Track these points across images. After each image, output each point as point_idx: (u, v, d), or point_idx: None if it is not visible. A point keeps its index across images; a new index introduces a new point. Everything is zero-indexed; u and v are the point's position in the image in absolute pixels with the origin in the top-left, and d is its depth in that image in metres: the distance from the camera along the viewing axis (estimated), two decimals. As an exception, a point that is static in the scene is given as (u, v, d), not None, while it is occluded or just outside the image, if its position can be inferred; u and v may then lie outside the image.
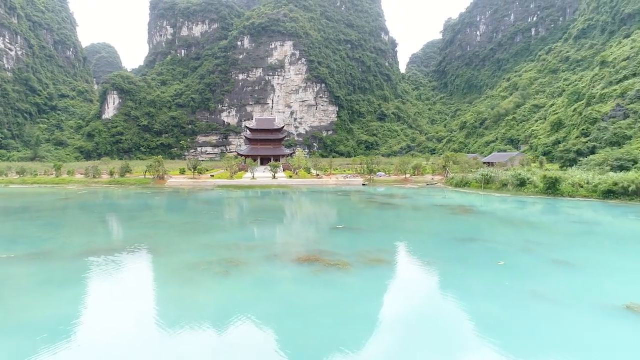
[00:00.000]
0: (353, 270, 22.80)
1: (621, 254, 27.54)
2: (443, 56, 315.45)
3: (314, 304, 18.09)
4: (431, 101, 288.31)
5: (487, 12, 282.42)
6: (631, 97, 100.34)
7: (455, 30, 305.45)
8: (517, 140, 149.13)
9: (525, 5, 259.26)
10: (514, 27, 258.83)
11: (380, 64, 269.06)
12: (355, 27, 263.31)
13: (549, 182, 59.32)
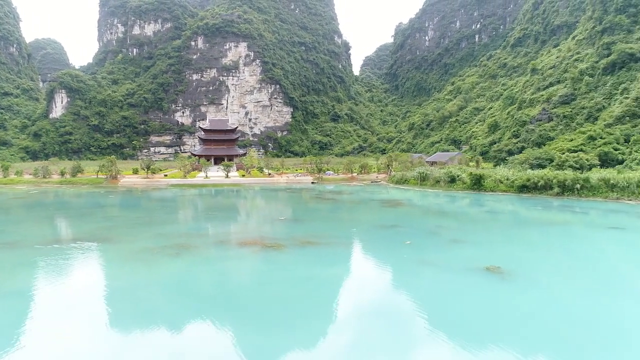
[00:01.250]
0: (286, 249, 27.40)
1: (507, 234, 33.77)
2: (394, 59, 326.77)
3: (250, 273, 22.57)
4: (383, 103, 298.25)
5: (435, 18, 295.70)
6: (555, 102, 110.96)
7: (405, 35, 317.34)
8: (460, 141, 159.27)
9: (469, 13, 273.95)
10: (460, 33, 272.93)
11: (334, 66, 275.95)
12: (309, 30, 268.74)
13: (475, 179, 66.42)
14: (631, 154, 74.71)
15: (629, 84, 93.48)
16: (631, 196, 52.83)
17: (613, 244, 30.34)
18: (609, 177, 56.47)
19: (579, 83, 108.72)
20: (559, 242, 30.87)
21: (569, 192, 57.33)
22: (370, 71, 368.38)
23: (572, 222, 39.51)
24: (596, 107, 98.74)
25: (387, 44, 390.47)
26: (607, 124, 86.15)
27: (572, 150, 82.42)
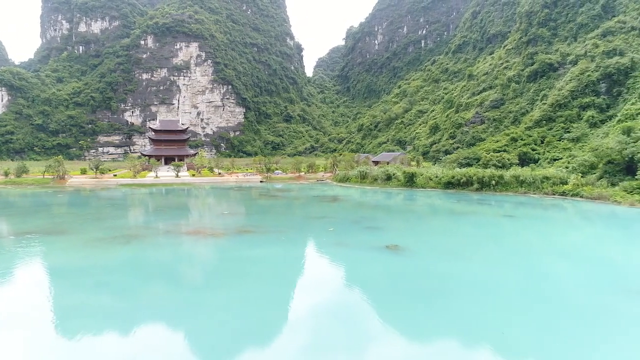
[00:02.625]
0: (225, 237, 31.75)
1: (416, 222, 39.68)
2: (346, 62, 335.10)
3: (190, 254, 26.79)
4: (335, 104, 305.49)
5: (384, 23, 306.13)
6: (487, 107, 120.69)
7: (356, 38, 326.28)
8: (405, 142, 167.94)
9: (416, 19, 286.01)
10: (407, 38, 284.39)
11: (286, 67, 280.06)
12: (261, 31, 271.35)
13: (408, 177, 73.01)
14: (544, 153, 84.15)
15: (548, 90, 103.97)
16: (536, 190, 60.86)
17: (495, 227, 36.84)
18: (519, 174, 64.47)
19: (507, 89, 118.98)
20: (455, 227, 37.04)
21: (487, 187, 64.88)
22: (323, 72, 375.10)
23: (476, 212, 46.19)
24: (521, 111, 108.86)
25: (339, 46, 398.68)
26: (527, 126, 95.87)
27: (496, 150, 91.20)
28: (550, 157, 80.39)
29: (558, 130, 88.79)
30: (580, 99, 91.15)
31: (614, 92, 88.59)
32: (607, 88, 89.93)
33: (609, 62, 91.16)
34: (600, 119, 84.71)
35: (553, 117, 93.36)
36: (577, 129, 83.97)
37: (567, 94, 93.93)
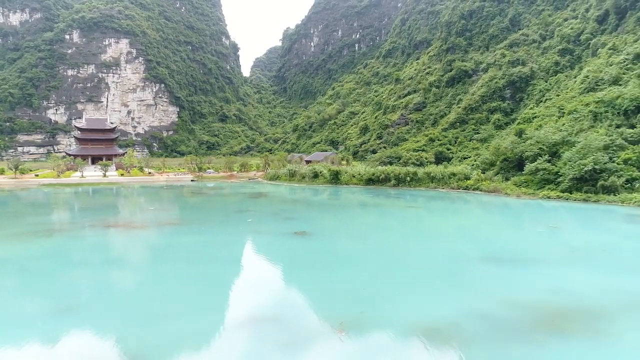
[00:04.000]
0: (148, 229, 33.96)
1: (329, 213, 43.86)
2: (283, 63, 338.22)
3: (112, 246, 28.91)
4: (272, 104, 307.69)
5: (320, 25, 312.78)
6: (411, 109, 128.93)
7: (292, 39, 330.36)
8: (337, 142, 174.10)
9: (350, 23, 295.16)
10: (341, 41, 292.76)
11: (222, 67, 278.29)
12: (195, 30, 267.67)
13: (333, 174, 77.61)
14: (457, 152, 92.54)
15: (463, 95, 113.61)
16: (444, 185, 67.60)
17: (396, 216, 41.87)
18: (430, 171, 71.10)
19: (429, 93, 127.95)
20: (362, 216, 41.66)
21: (403, 183, 70.88)
22: (261, 73, 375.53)
23: (386, 204, 51.35)
24: (440, 114, 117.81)
25: (276, 46, 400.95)
26: (444, 128, 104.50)
27: (416, 150, 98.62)
28: (461, 156, 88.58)
29: (469, 132, 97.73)
30: (489, 103, 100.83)
31: (517, 97, 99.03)
32: (511, 94, 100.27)
33: (513, 70, 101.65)
34: (505, 122, 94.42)
35: (466, 119, 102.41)
36: (485, 131, 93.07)
37: (478, 98, 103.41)
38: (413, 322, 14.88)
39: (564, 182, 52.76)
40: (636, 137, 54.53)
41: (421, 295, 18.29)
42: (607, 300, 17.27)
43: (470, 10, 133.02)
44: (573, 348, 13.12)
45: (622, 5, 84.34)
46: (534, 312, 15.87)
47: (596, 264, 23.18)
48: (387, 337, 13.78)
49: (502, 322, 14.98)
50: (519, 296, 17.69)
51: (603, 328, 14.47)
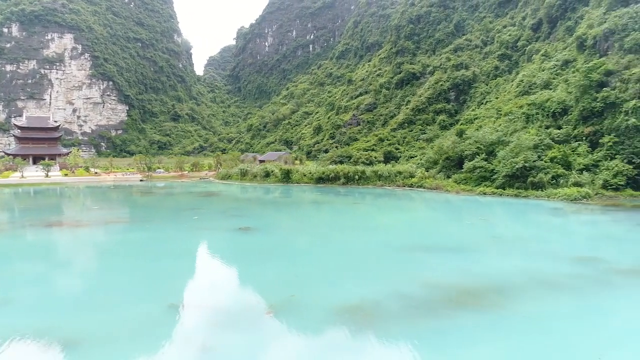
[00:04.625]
0: (90, 227, 33.74)
1: (275, 210, 44.97)
2: (237, 62, 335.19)
3: (53, 243, 28.69)
4: (226, 104, 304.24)
5: (274, 25, 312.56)
6: (362, 110, 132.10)
7: (247, 39, 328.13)
8: (291, 142, 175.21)
9: (304, 24, 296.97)
10: (296, 42, 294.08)
11: (174, 65, 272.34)
12: (146, 26, 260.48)
13: (284, 173, 78.60)
14: (404, 152, 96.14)
15: (411, 96, 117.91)
16: (390, 183, 70.25)
17: (339, 212, 43.61)
18: (377, 169, 73.64)
19: (379, 94, 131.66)
20: (307, 212, 43.06)
21: (352, 181, 72.98)
22: (215, 72, 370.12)
23: (333, 201, 53.06)
24: (390, 114, 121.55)
25: (230, 45, 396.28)
26: (393, 128, 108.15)
27: (366, 149, 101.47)
28: (408, 155, 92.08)
29: (416, 132, 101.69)
30: (435, 104, 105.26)
31: (461, 99, 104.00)
32: (455, 96, 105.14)
33: (457, 74, 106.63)
34: (450, 122, 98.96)
35: (413, 120, 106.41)
36: (431, 131, 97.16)
37: (425, 100, 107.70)
38: (338, 303, 16.28)
39: (498, 179, 56.46)
40: (562, 137, 59.19)
41: (351, 280, 19.79)
42: (513, 280, 19.45)
43: (418, 15, 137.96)
44: (475, 319, 14.94)
45: (554, 15, 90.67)
46: (448, 292, 17.72)
47: (510, 250, 25.66)
48: (310, 316, 15.11)
49: (419, 301, 16.68)
50: (438, 278, 19.56)
51: (504, 302, 16.47)
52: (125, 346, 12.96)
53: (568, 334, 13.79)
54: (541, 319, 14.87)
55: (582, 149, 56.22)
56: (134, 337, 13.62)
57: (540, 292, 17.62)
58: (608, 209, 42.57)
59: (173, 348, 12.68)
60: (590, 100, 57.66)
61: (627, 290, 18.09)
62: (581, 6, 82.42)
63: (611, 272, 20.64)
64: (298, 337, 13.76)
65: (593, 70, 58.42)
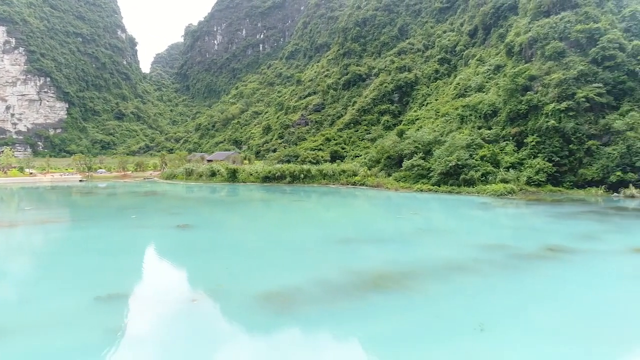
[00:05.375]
0: (22, 227, 32.91)
1: (215, 208, 45.47)
2: (185, 60, 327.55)
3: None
4: (174, 102, 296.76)
5: (223, 24, 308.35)
6: (310, 110, 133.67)
7: (195, 36, 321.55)
8: (240, 141, 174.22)
9: (254, 23, 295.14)
10: (246, 41, 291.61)
11: (118, 62, 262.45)
12: (87, 21, 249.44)
13: (230, 173, 78.75)
14: (350, 151, 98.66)
15: (357, 97, 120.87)
16: (335, 182, 72.26)
17: (282, 209, 44.80)
18: (322, 168, 75.51)
19: (327, 95, 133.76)
20: (247, 210, 43.89)
21: (297, 180, 74.31)
22: (162, 69, 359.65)
23: (276, 199, 54.14)
24: (337, 115, 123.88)
25: (178, 43, 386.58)
26: (339, 128, 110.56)
27: (313, 149, 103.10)
28: (353, 154, 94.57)
29: (362, 132, 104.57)
30: (379, 105, 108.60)
31: (404, 101, 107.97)
32: (399, 97, 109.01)
33: (401, 76, 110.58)
34: (393, 123, 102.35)
35: (359, 120, 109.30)
36: (375, 131, 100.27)
37: (370, 101, 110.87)
38: (260, 290, 17.38)
39: (434, 177, 59.68)
40: (492, 137, 63.33)
41: (278, 271, 20.96)
42: (427, 265, 21.36)
43: (364, 18, 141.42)
44: (384, 299, 16.52)
45: (488, 22, 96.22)
46: (367, 277, 19.26)
47: (432, 241, 27.83)
48: (233, 302, 16.15)
49: (338, 285, 18.09)
50: (361, 266, 21.10)
51: (413, 284, 18.20)
52: (50, 335, 13.42)
53: (460, 308, 15.63)
54: (440, 296, 16.70)
55: (509, 148, 60.48)
56: (58, 327, 14.06)
57: (447, 275, 19.57)
58: (530, 203, 46.32)
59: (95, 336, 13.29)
60: (517, 103, 62.12)
61: (520, 271, 20.43)
62: (511, 15, 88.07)
63: (514, 256, 23.04)
64: (217, 321, 14.77)
65: (519, 75, 62.97)
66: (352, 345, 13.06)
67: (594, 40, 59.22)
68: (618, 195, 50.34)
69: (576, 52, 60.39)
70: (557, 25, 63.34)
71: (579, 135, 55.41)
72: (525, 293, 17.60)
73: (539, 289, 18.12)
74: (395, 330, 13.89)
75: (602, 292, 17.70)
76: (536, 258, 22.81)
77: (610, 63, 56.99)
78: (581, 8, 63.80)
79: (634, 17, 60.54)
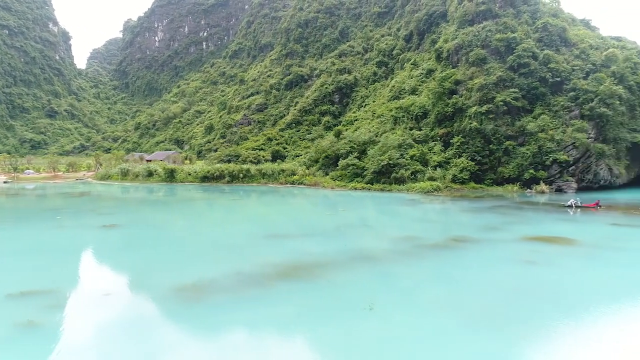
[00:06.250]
0: None
1: (149, 207, 45.21)
2: (124, 56, 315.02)
3: None
4: (112, 100, 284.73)
5: (164, 20, 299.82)
6: (253, 109, 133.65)
7: (134, 32, 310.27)
8: (182, 141, 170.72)
9: (197, 20, 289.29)
10: (188, 38, 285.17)
11: (49, 56, 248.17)
12: (14, 12, 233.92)
13: (168, 173, 77.53)
14: (291, 151, 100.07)
15: (299, 98, 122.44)
16: (274, 181, 73.20)
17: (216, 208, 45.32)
18: (262, 168, 76.22)
19: (269, 95, 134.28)
20: (181, 209, 44.02)
21: (237, 180, 74.55)
22: (99, 65, 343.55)
23: (212, 198, 54.47)
24: (279, 115, 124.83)
25: (117, 38, 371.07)
26: (281, 128, 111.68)
27: (255, 148, 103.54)
28: (294, 154, 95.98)
29: (303, 132, 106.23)
30: (320, 106, 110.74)
31: (344, 102, 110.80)
32: (339, 99, 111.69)
33: (341, 78, 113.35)
34: (334, 123, 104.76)
35: (301, 120, 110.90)
36: (316, 131, 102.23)
37: (311, 101, 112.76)
38: (176, 283, 18.20)
39: (368, 175, 62.23)
40: (422, 137, 66.94)
41: (198, 264, 21.81)
42: (339, 256, 22.98)
43: (306, 20, 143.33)
44: (292, 286, 17.91)
45: (422, 28, 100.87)
46: (279, 268, 20.56)
47: (351, 234, 29.67)
48: (145, 294, 16.93)
49: (251, 276, 19.26)
50: (279, 259, 22.37)
51: (321, 273, 19.72)
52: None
53: (357, 292, 17.32)
54: (342, 282, 18.35)
55: (437, 148, 64.24)
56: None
57: (354, 264, 21.31)
58: (453, 199, 49.67)
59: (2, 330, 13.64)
60: (444, 106, 66.07)
61: (421, 259, 22.58)
62: (442, 22, 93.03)
63: (421, 246, 25.27)
64: (127, 312, 15.50)
65: (446, 79, 66.99)
66: (254, 325, 14.24)
67: (511, 48, 64.23)
68: (531, 192, 55.10)
69: (496, 59, 65.19)
70: (480, 34, 68.00)
71: (498, 136, 59.95)
72: (420, 277, 19.66)
73: (433, 273, 20.26)
74: (295, 312, 15.28)
75: (484, 274, 20.10)
76: (440, 247, 25.16)
77: (524, 70, 62.07)
78: (501, 18, 68.89)
79: (545, 28, 66.17)
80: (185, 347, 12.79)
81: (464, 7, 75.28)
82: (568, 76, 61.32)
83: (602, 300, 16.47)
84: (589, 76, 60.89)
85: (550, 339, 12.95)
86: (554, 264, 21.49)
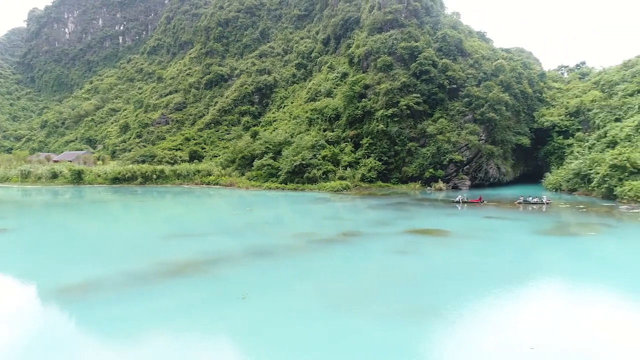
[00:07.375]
0: None
1: (45, 210, 43.48)
2: (29, 48, 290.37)
3: None
4: (15, 96, 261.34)
5: (76, 11, 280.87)
6: (171, 108, 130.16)
7: (41, 22, 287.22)
8: (95, 140, 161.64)
9: (112, 13, 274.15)
10: (103, 32, 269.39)
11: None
12: None
13: (75, 174, 73.93)
14: (209, 151, 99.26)
15: (219, 97, 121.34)
16: (189, 181, 72.72)
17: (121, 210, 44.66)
18: (176, 168, 75.40)
19: (189, 94, 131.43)
20: (83, 211, 42.86)
21: (150, 181, 72.97)
22: (0, 57, 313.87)
23: (120, 200, 53.26)
24: (199, 114, 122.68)
25: (20, 28, 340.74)
26: (200, 128, 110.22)
27: (172, 148, 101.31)
28: (212, 155, 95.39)
29: (222, 132, 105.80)
30: (240, 106, 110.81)
31: (264, 102, 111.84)
32: (259, 99, 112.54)
33: (261, 78, 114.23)
34: (253, 124, 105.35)
35: (220, 120, 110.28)
36: (235, 131, 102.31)
37: (231, 101, 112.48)
38: (62, 282, 18.45)
39: (282, 175, 64.03)
40: (334, 138, 69.98)
41: (88, 265, 21.98)
42: (233, 253, 24.33)
43: (226, 19, 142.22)
44: (178, 282, 18.89)
45: (338, 33, 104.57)
46: (171, 266, 21.40)
47: (251, 232, 31.09)
48: (27, 295, 17.14)
49: (140, 274, 19.91)
50: (172, 257, 23.16)
51: (209, 269, 20.88)
52: None
53: (236, 284, 18.73)
54: (225, 276, 19.76)
55: (348, 149, 67.59)
56: None
57: (243, 260, 22.79)
58: (361, 197, 52.82)
59: None
60: (354, 109, 69.57)
61: (309, 252, 24.60)
62: (356, 28, 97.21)
63: (313, 241, 27.29)
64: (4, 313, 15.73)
65: (356, 83, 70.57)
66: (135, 317, 15.10)
67: (415, 56, 69.21)
68: (430, 189, 60.00)
69: (401, 65, 69.86)
70: (387, 41, 72.41)
71: (402, 138, 64.43)
72: (300, 269, 21.56)
73: (313, 265, 22.26)
74: (175, 304, 16.35)
75: (358, 263, 22.49)
76: (330, 242, 27.34)
77: (426, 77, 67.23)
78: (406, 28, 73.84)
79: (444, 39, 72.04)
80: (61, 342, 13.46)
81: (374, 15, 79.55)
82: (463, 83, 67.43)
83: (450, 284, 19.33)
84: (480, 84, 67.39)
85: (399, 317, 15.27)
86: (422, 253, 24.46)
